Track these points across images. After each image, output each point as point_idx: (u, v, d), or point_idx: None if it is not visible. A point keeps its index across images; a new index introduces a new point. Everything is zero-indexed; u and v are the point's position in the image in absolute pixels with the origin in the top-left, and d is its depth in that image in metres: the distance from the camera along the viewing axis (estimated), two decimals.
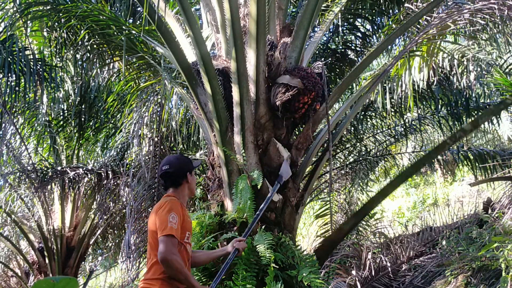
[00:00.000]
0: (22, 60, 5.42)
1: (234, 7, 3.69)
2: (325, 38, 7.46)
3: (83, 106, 7.83)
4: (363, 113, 7.96)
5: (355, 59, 7.40)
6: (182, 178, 2.73)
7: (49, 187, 7.84)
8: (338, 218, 8.63)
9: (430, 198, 12.80)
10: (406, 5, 5.33)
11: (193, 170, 2.85)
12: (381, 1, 6.49)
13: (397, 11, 6.27)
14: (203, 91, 4.16)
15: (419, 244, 6.61)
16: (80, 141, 8.36)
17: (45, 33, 6.71)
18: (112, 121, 8.25)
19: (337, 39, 7.54)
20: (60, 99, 7.54)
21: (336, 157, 8.50)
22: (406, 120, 8.11)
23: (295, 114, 4.04)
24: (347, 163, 8.38)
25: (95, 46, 6.16)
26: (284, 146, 4.06)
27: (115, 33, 5.72)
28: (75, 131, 8.06)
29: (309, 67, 4.07)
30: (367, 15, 7.00)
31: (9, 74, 5.41)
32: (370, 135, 8.51)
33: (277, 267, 3.46)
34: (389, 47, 6.78)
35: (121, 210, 7.81)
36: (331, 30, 7.33)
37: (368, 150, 8.40)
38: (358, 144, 8.30)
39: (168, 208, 2.48)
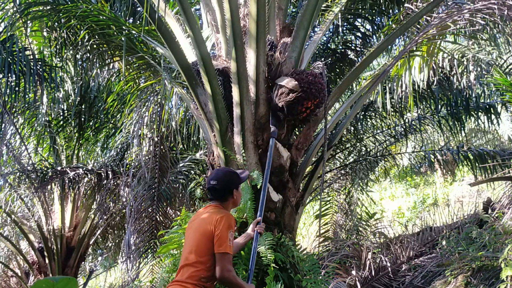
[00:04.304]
0: (22, 60, 5.42)
1: (234, 7, 3.69)
2: (325, 38, 7.46)
3: (83, 106, 7.83)
4: (363, 113, 7.96)
5: (355, 59, 7.40)
6: (228, 195, 2.81)
7: (49, 187, 7.84)
8: (338, 218, 8.63)
9: (430, 198, 12.80)
10: (406, 5, 5.33)
11: (239, 185, 2.91)
12: (381, 1, 6.49)
13: (397, 11, 6.27)
14: (203, 91, 4.16)
15: (419, 244, 6.61)
16: (80, 141, 8.36)
17: (45, 33, 6.71)
18: (112, 121, 8.25)
19: (337, 39, 7.54)
20: (60, 99, 7.54)
21: (336, 157, 8.50)
22: (406, 120, 8.11)
23: (297, 116, 4.04)
24: (347, 163, 8.38)
25: (95, 46, 6.16)
26: (284, 146, 4.06)
27: (115, 33, 5.71)
28: (75, 131, 8.06)
29: (315, 72, 4.05)
30: (367, 15, 7.00)
31: (9, 74, 5.41)
32: (370, 135, 8.51)
33: (277, 267, 3.46)
34: (389, 47, 6.79)
35: (121, 210, 7.82)
36: (331, 30, 7.34)
37: (368, 150, 8.40)
38: (358, 144, 8.30)
39: (228, 224, 2.60)
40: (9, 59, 5.30)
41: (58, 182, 7.31)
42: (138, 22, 6.63)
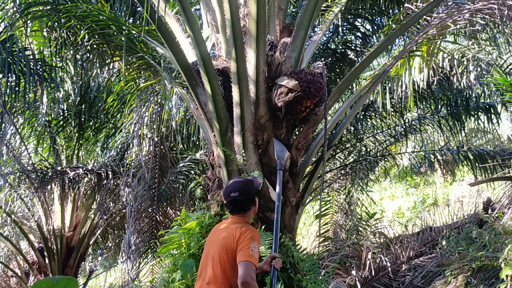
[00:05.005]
0: (22, 60, 5.42)
1: (234, 7, 3.69)
2: (325, 38, 7.47)
3: (83, 106, 7.83)
4: (363, 113, 7.96)
5: (355, 59, 7.40)
6: (250, 204, 2.73)
7: (49, 187, 7.84)
8: (338, 218, 8.63)
9: (430, 198, 12.80)
10: (406, 5, 5.33)
11: (257, 192, 2.85)
12: (381, 1, 6.49)
13: (397, 11, 6.27)
14: (203, 91, 4.16)
15: (419, 244, 6.61)
16: (80, 141, 8.36)
17: (45, 33, 6.71)
18: (112, 121, 8.25)
19: (337, 39, 7.55)
20: (60, 99, 7.54)
21: (336, 157, 8.50)
22: (406, 120, 8.11)
23: (296, 116, 4.04)
24: (347, 163, 8.38)
25: (95, 46, 6.16)
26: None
27: (115, 33, 5.71)
28: (75, 131, 8.06)
29: (314, 71, 4.04)
30: (367, 15, 7.00)
31: (9, 74, 5.41)
32: (370, 135, 8.50)
33: None
34: (389, 47, 6.79)
35: (121, 210, 7.81)
36: (331, 30, 7.34)
37: (368, 150, 8.39)
38: (358, 144, 8.29)
39: (251, 236, 2.51)
40: (9, 59, 5.30)
41: (58, 182, 7.31)
42: (138, 22, 6.64)
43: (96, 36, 5.94)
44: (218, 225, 2.78)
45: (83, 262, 9.26)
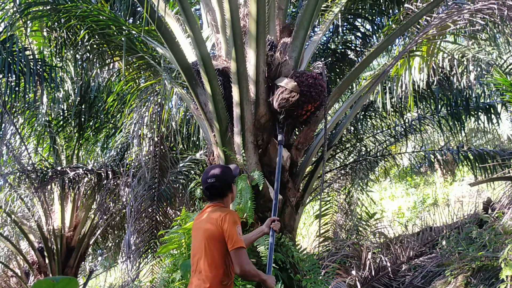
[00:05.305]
0: (22, 60, 5.42)
1: (234, 7, 3.69)
2: (325, 38, 7.47)
3: (83, 106, 7.83)
4: (363, 113, 7.96)
5: (355, 59, 7.40)
6: (227, 190, 2.79)
7: (49, 187, 7.85)
8: (338, 218, 8.63)
9: (430, 198, 12.80)
10: (406, 5, 5.33)
11: (235, 179, 2.91)
12: (381, 1, 6.49)
13: (397, 11, 6.27)
14: (203, 91, 4.16)
15: (419, 244, 6.61)
16: (80, 141, 8.36)
17: (45, 33, 6.71)
18: (112, 121, 8.25)
19: (337, 39, 7.54)
20: (60, 99, 7.54)
21: (336, 157, 8.50)
22: (406, 120, 8.11)
23: (297, 119, 4.04)
24: (347, 163, 8.38)
25: (95, 46, 6.16)
26: (284, 146, 4.06)
27: (115, 33, 5.71)
28: (75, 131, 8.06)
29: (316, 74, 4.03)
30: (367, 15, 7.00)
31: (9, 74, 5.41)
32: (370, 135, 8.51)
33: (277, 267, 3.46)
34: (389, 47, 6.79)
35: (121, 210, 7.81)
36: (331, 30, 7.34)
37: (368, 150, 8.40)
38: (358, 144, 8.30)
39: (233, 220, 2.59)
40: (9, 59, 5.30)
41: (58, 182, 7.31)
42: (138, 22, 6.64)
43: (96, 36, 5.95)
44: (199, 215, 2.81)
45: (83, 262, 9.26)
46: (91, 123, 8.17)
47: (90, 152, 9.11)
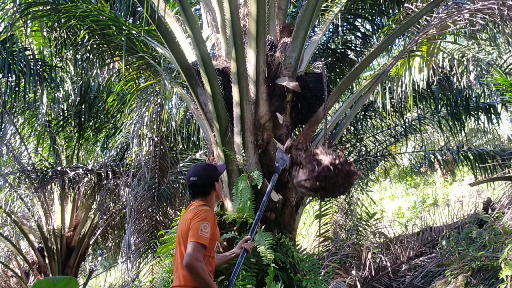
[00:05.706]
0: (22, 60, 5.42)
1: (234, 7, 3.69)
2: (325, 38, 7.47)
3: (83, 106, 7.83)
4: (363, 113, 7.96)
5: (355, 59, 7.40)
6: (210, 188, 2.76)
7: (49, 187, 7.84)
8: (338, 218, 8.63)
9: (430, 198, 12.80)
10: (406, 5, 5.33)
11: (220, 177, 2.87)
12: (381, 1, 6.49)
13: (397, 11, 6.27)
14: (203, 91, 4.16)
15: (419, 244, 6.61)
16: (80, 141, 8.36)
17: (45, 33, 6.71)
18: (112, 121, 8.25)
19: (337, 39, 7.55)
20: (60, 99, 7.54)
21: None
22: (406, 120, 8.11)
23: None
24: None
25: (95, 46, 6.16)
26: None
27: (115, 33, 5.71)
28: (75, 131, 8.06)
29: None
30: (367, 15, 7.00)
31: (9, 74, 5.41)
32: (370, 135, 8.51)
33: (277, 267, 3.46)
34: (389, 47, 6.79)
35: (121, 210, 7.82)
36: (331, 30, 7.34)
37: (368, 150, 8.40)
38: (358, 144, 8.30)
39: (202, 217, 2.52)
40: (9, 59, 5.30)
41: (58, 182, 7.31)
42: (138, 22, 6.64)
43: (96, 36, 5.94)
44: (185, 212, 2.80)
45: (83, 262, 9.26)
46: (91, 123, 8.18)
47: (90, 152, 9.11)
